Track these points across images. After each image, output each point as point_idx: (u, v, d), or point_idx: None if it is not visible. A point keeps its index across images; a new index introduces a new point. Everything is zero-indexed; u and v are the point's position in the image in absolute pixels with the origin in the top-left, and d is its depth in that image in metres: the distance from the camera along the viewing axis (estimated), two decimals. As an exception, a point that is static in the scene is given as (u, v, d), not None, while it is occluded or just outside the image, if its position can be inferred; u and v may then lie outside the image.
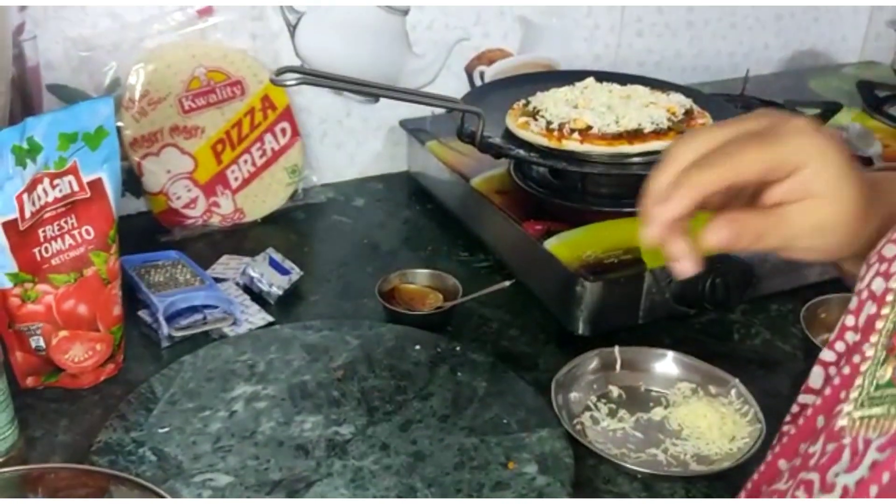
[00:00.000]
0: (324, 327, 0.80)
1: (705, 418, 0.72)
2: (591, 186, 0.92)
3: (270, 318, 0.84)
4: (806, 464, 0.44)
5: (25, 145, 0.67)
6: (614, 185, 0.92)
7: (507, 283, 0.84)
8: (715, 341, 0.84)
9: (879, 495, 0.38)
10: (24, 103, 0.87)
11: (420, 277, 0.88)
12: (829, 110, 1.14)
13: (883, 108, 1.18)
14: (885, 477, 0.38)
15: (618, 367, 0.77)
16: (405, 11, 0.92)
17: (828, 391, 0.46)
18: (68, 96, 0.93)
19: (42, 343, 0.72)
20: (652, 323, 0.83)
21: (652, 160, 0.87)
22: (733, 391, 0.74)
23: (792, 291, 0.88)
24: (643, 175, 1.02)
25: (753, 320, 0.86)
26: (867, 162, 1.02)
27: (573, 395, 0.74)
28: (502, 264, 0.93)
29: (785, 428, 0.51)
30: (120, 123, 0.93)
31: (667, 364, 0.77)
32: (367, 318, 0.84)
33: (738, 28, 1.32)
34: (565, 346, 0.80)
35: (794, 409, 0.50)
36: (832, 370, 0.48)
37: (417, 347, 0.78)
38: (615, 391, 0.75)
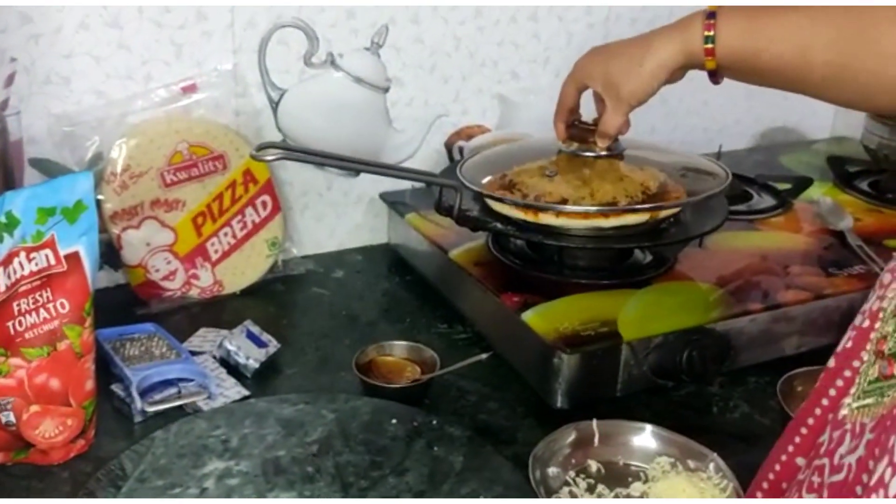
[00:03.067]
0: (299, 401, 0.80)
1: (685, 493, 0.71)
2: (567, 259, 0.93)
3: (246, 392, 0.83)
4: (818, 452, 0.56)
5: (3, 219, 0.68)
6: (590, 258, 0.94)
7: (485, 356, 0.84)
8: (694, 414, 0.84)
9: (874, 468, 0.49)
10: (6, 177, 0.87)
11: (397, 350, 0.88)
12: (800, 185, 1.16)
13: (853, 183, 1.21)
14: (877, 451, 0.50)
15: (596, 440, 0.76)
16: (386, 89, 0.95)
17: (833, 392, 0.58)
18: (50, 170, 0.94)
19: (13, 418, 0.71)
20: (630, 396, 0.83)
21: (627, 234, 0.89)
22: (712, 465, 0.73)
23: (770, 364, 0.88)
24: (618, 248, 1.03)
25: (732, 393, 0.86)
26: (840, 236, 1.03)
27: (551, 470, 0.73)
28: (480, 336, 0.93)
29: (803, 430, 0.60)
30: (101, 196, 0.94)
31: (645, 438, 0.77)
32: (344, 391, 0.83)
33: (711, 105, 1.36)
34: (544, 420, 0.80)
35: (810, 420, 0.60)
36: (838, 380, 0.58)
37: (394, 421, 0.77)
38: (594, 466, 0.75)
